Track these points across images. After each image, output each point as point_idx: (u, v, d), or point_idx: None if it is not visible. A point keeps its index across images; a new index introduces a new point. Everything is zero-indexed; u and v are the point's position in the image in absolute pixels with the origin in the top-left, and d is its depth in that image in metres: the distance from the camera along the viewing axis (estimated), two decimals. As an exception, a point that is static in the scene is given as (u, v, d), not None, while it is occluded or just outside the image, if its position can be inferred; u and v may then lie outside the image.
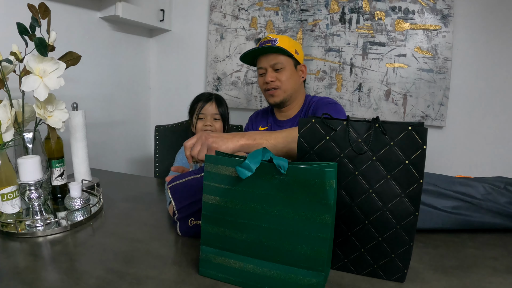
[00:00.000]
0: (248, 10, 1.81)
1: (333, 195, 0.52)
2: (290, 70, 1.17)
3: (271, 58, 1.16)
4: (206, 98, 1.28)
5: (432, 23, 1.51)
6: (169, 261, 0.67)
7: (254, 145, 0.76)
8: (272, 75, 1.16)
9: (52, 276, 0.61)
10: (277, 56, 1.16)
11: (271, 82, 1.16)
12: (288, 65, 1.17)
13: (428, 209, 0.76)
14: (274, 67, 1.16)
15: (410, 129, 0.56)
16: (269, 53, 1.16)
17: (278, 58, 1.15)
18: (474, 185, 0.77)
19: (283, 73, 1.16)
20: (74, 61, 0.87)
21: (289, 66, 1.17)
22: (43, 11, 0.82)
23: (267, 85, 1.18)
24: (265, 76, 1.18)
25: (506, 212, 0.76)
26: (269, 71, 1.17)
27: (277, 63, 1.15)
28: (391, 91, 1.60)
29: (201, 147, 0.75)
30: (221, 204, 0.59)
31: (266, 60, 1.17)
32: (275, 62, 1.15)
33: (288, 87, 1.17)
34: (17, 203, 0.80)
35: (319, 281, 0.53)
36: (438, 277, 0.62)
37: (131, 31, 1.88)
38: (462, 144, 1.56)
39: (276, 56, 1.16)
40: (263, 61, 1.18)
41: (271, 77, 1.16)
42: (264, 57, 1.18)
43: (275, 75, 1.16)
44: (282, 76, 1.16)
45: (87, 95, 1.59)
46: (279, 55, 1.16)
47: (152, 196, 1.07)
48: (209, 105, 1.26)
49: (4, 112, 0.82)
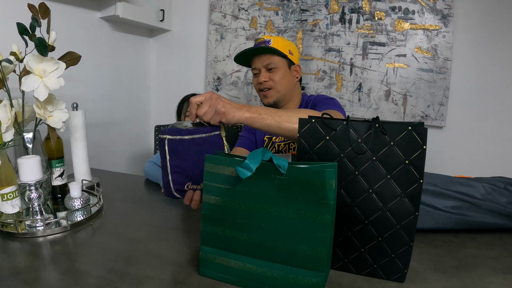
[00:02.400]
0: (248, 10, 1.81)
1: (333, 195, 0.52)
2: (283, 70, 1.18)
3: (264, 59, 1.17)
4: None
5: (432, 23, 1.51)
6: (169, 261, 0.67)
7: (259, 119, 0.75)
8: (265, 75, 1.17)
9: (52, 276, 0.61)
10: (270, 57, 1.16)
11: (264, 82, 1.17)
12: (282, 65, 1.17)
13: (428, 209, 0.76)
14: (267, 67, 1.17)
15: (410, 129, 0.56)
16: (262, 54, 1.17)
17: (271, 58, 1.16)
18: (474, 185, 0.77)
19: (276, 73, 1.17)
20: (74, 61, 0.87)
21: (283, 67, 1.18)
22: (43, 11, 0.82)
23: (260, 85, 1.19)
24: (258, 77, 1.19)
25: (506, 211, 0.76)
26: (263, 71, 1.18)
27: (270, 63, 1.16)
28: (391, 91, 1.60)
29: (209, 109, 0.72)
30: (221, 204, 0.59)
31: (260, 60, 1.18)
32: (268, 62, 1.16)
33: (281, 88, 1.18)
34: (17, 203, 0.80)
35: (319, 281, 0.53)
36: (438, 277, 0.62)
37: (131, 31, 1.88)
38: (462, 144, 1.56)
39: (270, 56, 1.17)
40: (257, 62, 1.19)
41: (264, 77, 1.17)
42: (258, 57, 1.19)
43: (268, 75, 1.17)
44: (275, 76, 1.17)
45: (87, 95, 1.59)
46: (272, 55, 1.17)
47: (152, 196, 1.07)
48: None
49: (4, 112, 0.82)
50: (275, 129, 0.75)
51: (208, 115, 0.72)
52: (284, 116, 0.75)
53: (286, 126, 0.75)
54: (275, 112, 0.76)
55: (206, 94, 0.73)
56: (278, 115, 0.75)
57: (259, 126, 0.75)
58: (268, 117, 0.75)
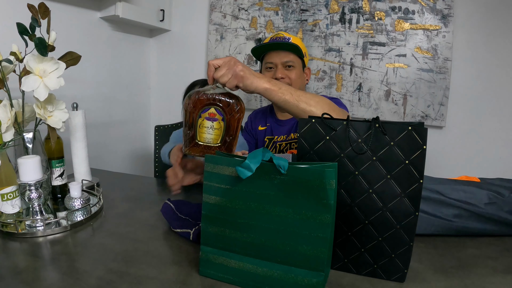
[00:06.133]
0: (248, 10, 1.81)
1: (333, 195, 0.52)
2: (299, 70, 1.16)
3: (283, 55, 1.14)
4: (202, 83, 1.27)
5: (432, 23, 1.51)
6: (169, 261, 0.67)
7: (278, 93, 0.73)
8: (283, 72, 1.14)
9: (52, 276, 0.61)
10: (289, 54, 1.14)
11: (281, 79, 1.13)
12: (298, 65, 1.16)
13: (428, 217, 0.75)
14: (285, 64, 1.14)
15: (410, 129, 0.56)
16: (281, 50, 1.14)
17: (290, 56, 1.14)
18: (477, 193, 0.76)
19: (293, 71, 1.15)
20: (74, 61, 0.87)
21: (299, 66, 1.16)
22: (43, 11, 0.82)
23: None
24: (273, 72, 1.15)
25: (508, 221, 0.75)
26: (280, 67, 1.14)
27: (289, 61, 1.14)
28: (391, 91, 1.60)
29: (226, 71, 0.70)
30: (221, 204, 0.59)
31: (278, 56, 1.15)
32: (287, 59, 1.14)
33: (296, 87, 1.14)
34: (17, 203, 0.80)
35: (319, 281, 0.53)
36: (438, 277, 0.62)
37: (131, 31, 1.88)
38: (462, 144, 1.56)
39: (288, 54, 1.14)
40: (274, 57, 1.15)
41: (281, 74, 1.13)
42: (275, 52, 1.15)
43: (285, 73, 1.14)
44: (292, 74, 1.14)
45: (87, 95, 1.59)
46: (291, 53, 1.14)
47: (152, 196, 1.07)
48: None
49: (4, 112, 0.82)
50: (291, 106, 0.73)
51: (225, 77, 0.70)
52: (303, 96, 0.74)
53: (303, 107, 0.73)
54: (295, 91, 0.74)
55: (225, 58, 0.71)
56: (297, 94, 0.74)
57: (276, 100, 0.73)
58: (288, 93, 0.73)
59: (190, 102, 0.74)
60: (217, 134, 0.75)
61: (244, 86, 0.71)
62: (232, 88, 0.72)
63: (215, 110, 0.73)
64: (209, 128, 0.74)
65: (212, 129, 0.74)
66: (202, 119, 0.74)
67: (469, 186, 0.77)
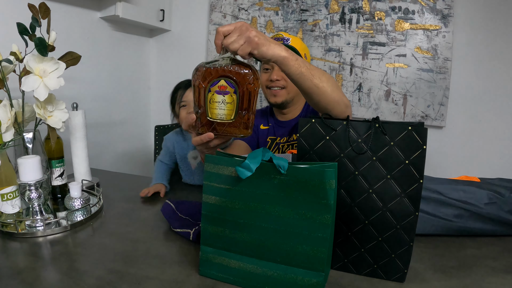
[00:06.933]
0: (248, 10, 1.81)
1: (333, 195, 0.52)
2: None
3: None
4: (186, 85, 1.21)
5: (432, 23, 1.51)
6: (169, 261, 0.67)
7: (295, 63, 0.67)
8: (279, 74, 1.11)
9: (52, 276, 0.61)
10: None
11: (276, 81, 1.11)
12: None
13: (428, 217, 0.75)
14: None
15: (410, 129, 0.56)
16: None
17: None
18: (478, 193, 0.76)
19: None
20: (74, 61, 0.87)
21: None
22: (43, 11, 0.82)
23: (271, 83, 1.13)
24: (270, 73, 1.14)
25: (507, 220, 0.75)
26: (276, 69, 1.12)
27: None
28: (391, 91, 1.60)
29: (237, 38, 0.62)
30: (221, 204, 0.59)
31: None
32: None
33: (293, 89, 1.12)
34: (17, 203, 0.80)
35: (319, 281, 0.53)
36: (438, 277, 0.62)
37: (131, 31, 1.88)
38: (462, 144, 1.56)
39: None
40: None
41: (277, 76, 1.11)
42: None
43: (281, 75, 1.11)
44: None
45: (87, 95, 1.59)
46: None
47: (152, 196, 1.07)
48: (190, 91, 1.18)
49: (4, 112, 0.82)
50: (305, 80, 0.70)
51: (236, 44, 0.62)
52: (315, 71, 0.71)
53: (316, 82, 0.70)
54: (309, 64, 0.71)
55: (236, 23, 0.63)
56: (311, 68, 0.70)
57: (293, 71, 0.68)
58: (304, 66, 0.69)
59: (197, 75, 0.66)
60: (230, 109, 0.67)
61: (259, 53, 0.64)
62: (244, 56, 0.65)
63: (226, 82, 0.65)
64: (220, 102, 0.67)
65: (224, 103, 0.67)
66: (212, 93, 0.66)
67: (469, 186, 0.77)
